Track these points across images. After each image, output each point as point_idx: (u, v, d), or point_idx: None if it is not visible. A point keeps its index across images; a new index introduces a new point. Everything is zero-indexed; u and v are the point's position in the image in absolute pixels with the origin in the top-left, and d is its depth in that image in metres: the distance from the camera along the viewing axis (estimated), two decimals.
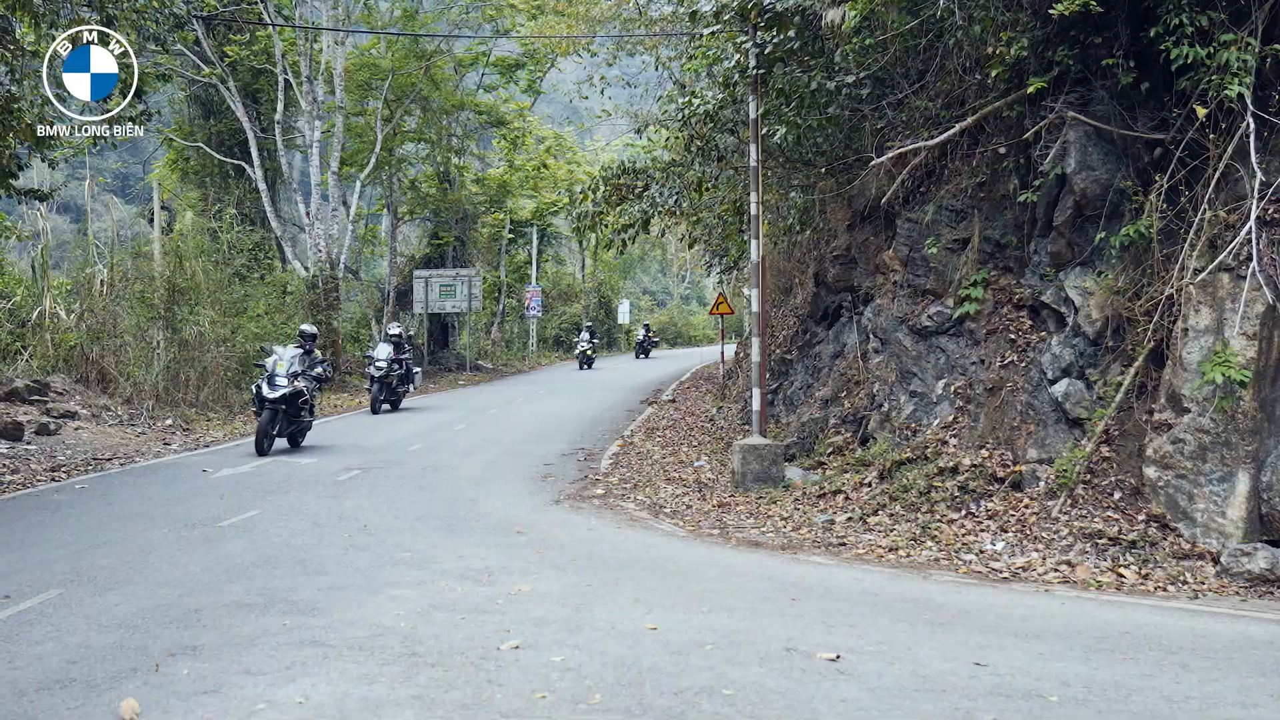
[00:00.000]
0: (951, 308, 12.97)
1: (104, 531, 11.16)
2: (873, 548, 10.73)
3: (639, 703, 5.76)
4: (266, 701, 5.77)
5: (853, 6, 11.96)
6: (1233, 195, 10.23)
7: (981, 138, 12.89)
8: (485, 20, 37.23)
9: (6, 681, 6.16)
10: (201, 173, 37.62)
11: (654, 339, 52.68)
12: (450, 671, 6.29)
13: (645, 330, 51.91)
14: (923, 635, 7.32)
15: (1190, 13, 10.05)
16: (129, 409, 22.44)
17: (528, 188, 46.47)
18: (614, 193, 19.71)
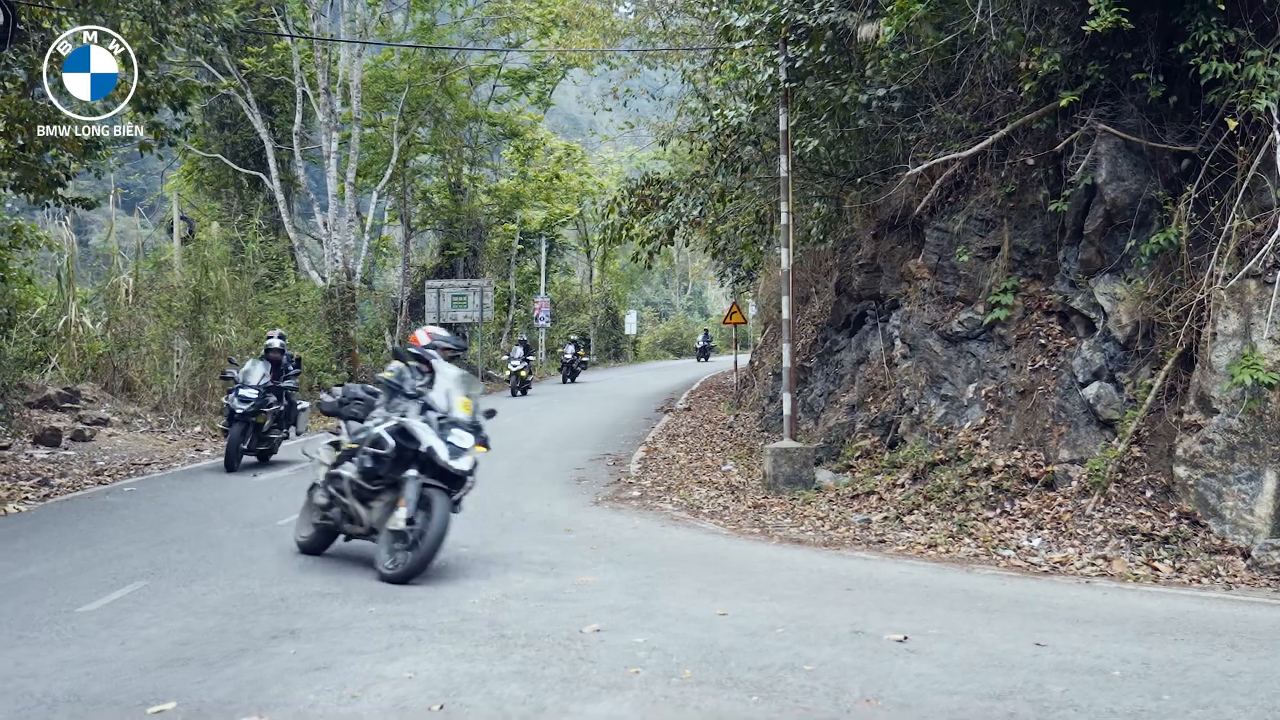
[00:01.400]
0: (982, 314, 13.37)
1: (168, 529, 11.53)
2: (912, 544, 11.12)
3: (728, 677, 6.14)
4: (378, 677, 6.14)
5: (888, 22, 12.38)
6: (1259, 205, 10.64)
7: (1010, 149, 13.30)
8: (500, 33, 37.69)
9: (126, 660, 6.53)
10: (216, 184, 38.01)
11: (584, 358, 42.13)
12: (542, 651, 6.67)
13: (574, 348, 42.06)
14: (979, 621, 7.71)
15: (1219, 29, 10.48)
16: (158, 416, 22.83)
17: (540, 198, 46.91)
18: (640, 203, 20.12)
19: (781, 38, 14.74)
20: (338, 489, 9.46)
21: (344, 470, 9.39)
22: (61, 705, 5.70)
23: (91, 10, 12.80)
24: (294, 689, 5.93)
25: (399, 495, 8.89)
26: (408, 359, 9.80)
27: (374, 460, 9.03)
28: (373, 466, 9.04)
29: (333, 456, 9.80)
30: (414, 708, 5.61)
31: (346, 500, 9.37)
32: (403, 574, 8.60)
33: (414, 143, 39.25)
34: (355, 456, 9.28)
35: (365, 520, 9.27)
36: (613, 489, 15.27)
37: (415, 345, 9.89)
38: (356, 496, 9.27)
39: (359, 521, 9.36)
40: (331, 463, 9.70)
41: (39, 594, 8.46)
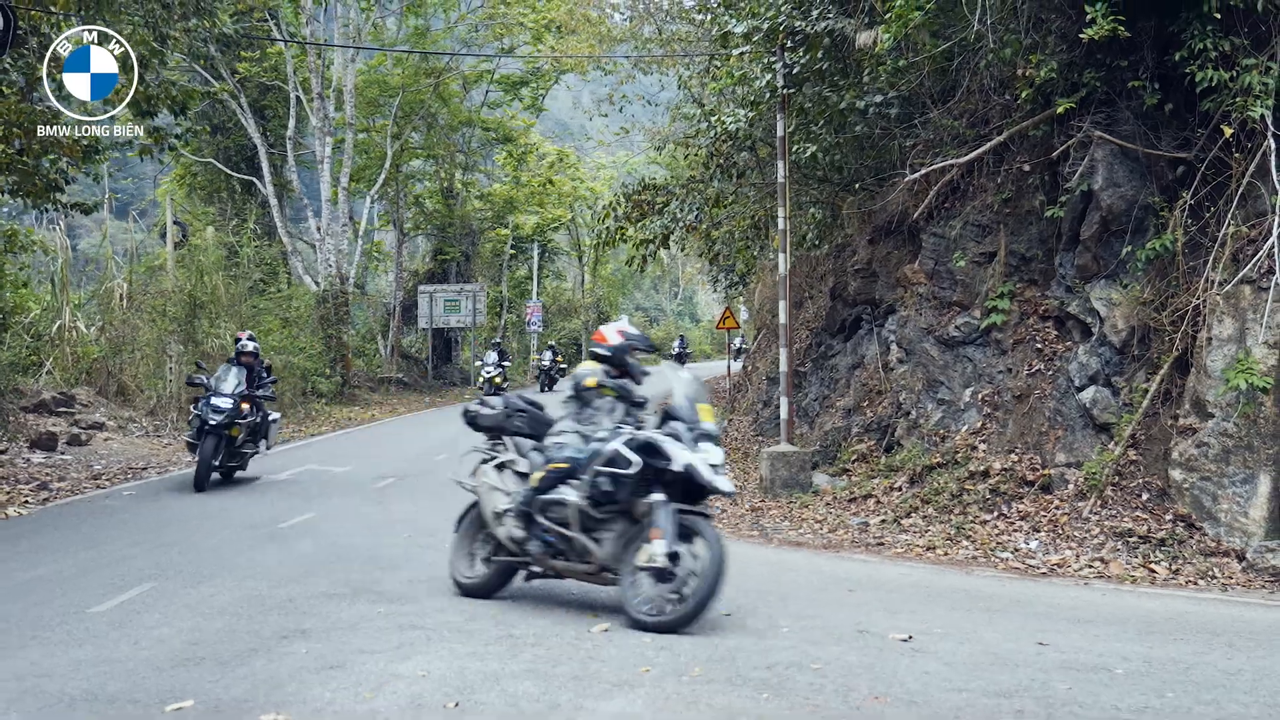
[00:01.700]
0: (978, 319, 13.48)
1: (169, 533, 11.58)
2: (910, 547, 11.23)
3: (736, 674, 6.22)
4: (391, 675, 6.20)
5: (886, 29, 12.49)
6: (1254, 211, 10.78)
7: (1006, 155, 13.42)
8: (494, 38, 37.82)
9: (140, 660, 6.59)
10: (209, 188, 38.05)
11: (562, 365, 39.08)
12: (552, 650, 6.75)
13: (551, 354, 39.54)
14: (981, 621, 7.81)
15: (1214, 38, 10.61)
16: (153, 420, 22.83)
17: (533, 204, 47.02)
18: (635, 208, 20.23)
19: (779, 44, 14.85)
20: (553, 518, 7.89)
21: (564, 495, 7.85)
22: (80, 704, 5.76)
23: (93, 14, 12.84)
24: (309, 687, 5.99)
25: (639, 525, 7.54)
26: (603, 362, 8.36)
27: (613, 482, 7.55)
28: (611, 490, 7.58)
29: (514, 481, 8.32)
30: (430, 705, 5.68)
31: (570, 532, 7.81)
32: (675, 620, 7.15)
33: (407, 148, 39.34)
34: (576, 479, 7.82)
35: (597, 556, 7.71)
36: None
37: (603, 344, 8.41)
38: (582, 528, 7.77)
39: (584, 557, 7.80)
40: (535, 486, 8.01)
41: (47, 595, 8.51)
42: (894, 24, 12.35)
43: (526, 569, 8.33)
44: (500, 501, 8.25)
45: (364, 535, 11.44)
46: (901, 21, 12.21)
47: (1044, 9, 12.20)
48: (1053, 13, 12.14)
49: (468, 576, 8.53)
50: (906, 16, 12.12)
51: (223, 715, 5.54)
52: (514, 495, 8.20)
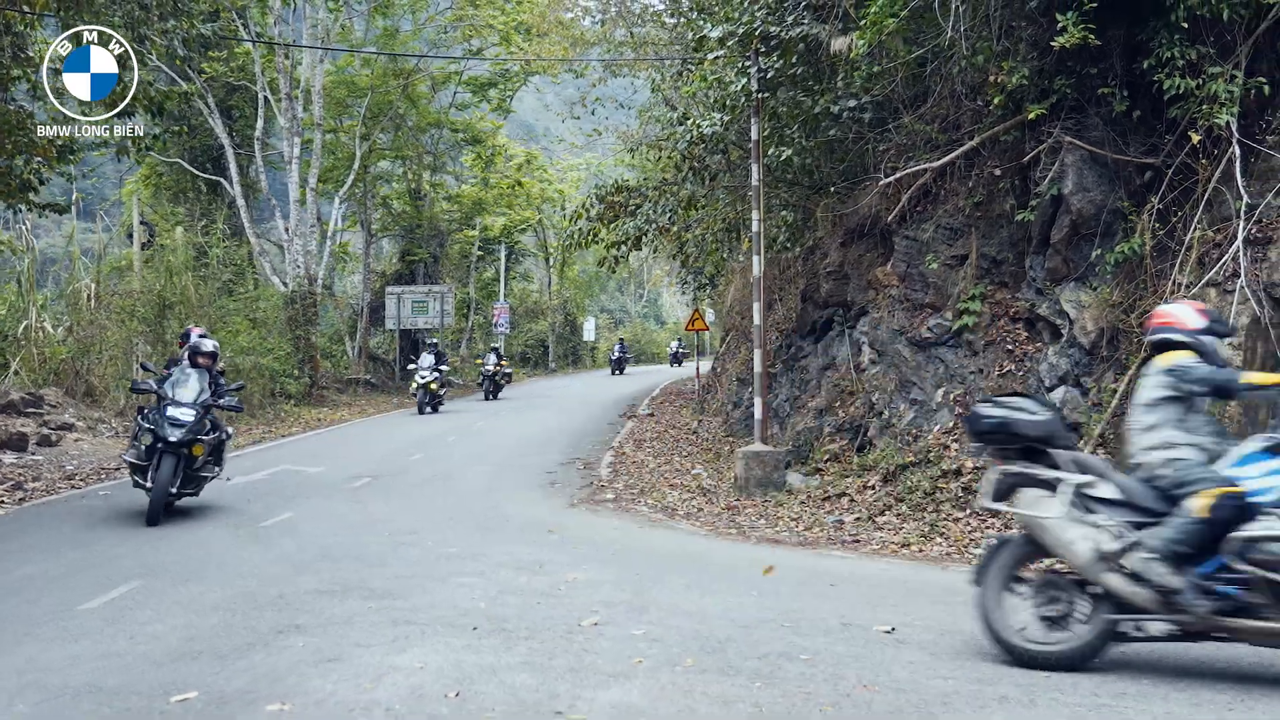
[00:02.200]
0: (950, 320, 13.72)
1: (150, 532, 11.60)
2: (886, 544, 11.43)
3: (728, 665, 6.39)
4: (389, 667, 6.32)
5: (861, 36, 12.70)
6: (1220, 216, 11.07)
7: (977, 160, 13.67)
8: (463, 39, 37.87)
9: (138, 655, 6.68)
10: (175, 188, 37.82)
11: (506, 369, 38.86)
12: (546, 643, 6.89)
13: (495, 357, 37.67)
14: (960, 613, 7.97)
15: (1181, 46, 10.89)
16: (122, 421, 22.73)
17: (502, 205, 47.09)
18: (608, 210, 20.37)
19: (753, 49, 15.05)
20: (1259, 560, 5.94)
21: None
22: (84, 695, 5.84)
23: (72, 15, 12.84)
24: (309, 679, 6.10)
25: None
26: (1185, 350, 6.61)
27: None
28: None
29: (1107, 512, 6.43)
30: (430, 695, 5.80)
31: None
32: None
33: (375, 149, 39.30)
34: None
35: None
36: (587, 492, 15.48)
37: (1178, 327, 6.71)
38: None
39: None
40: (1204, 518, 6.02)
41: (37, 594, 8.57)
42: (869, 30, 12.55)
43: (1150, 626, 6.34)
44: (1106, 541, 6.29)
45: (345, 534, 11.51)
46: (876, 28, 12.42)
47: (1016, 17, 12.45)
48: (1024, 20, 12.39)
49: (1044, 643, 6.44)
50: (881, 23, 12.34)
51: (227, 706, 5.64)
52: (1154, 533, 6.24)
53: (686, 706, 5.62)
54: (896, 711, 5.57)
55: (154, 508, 11.90)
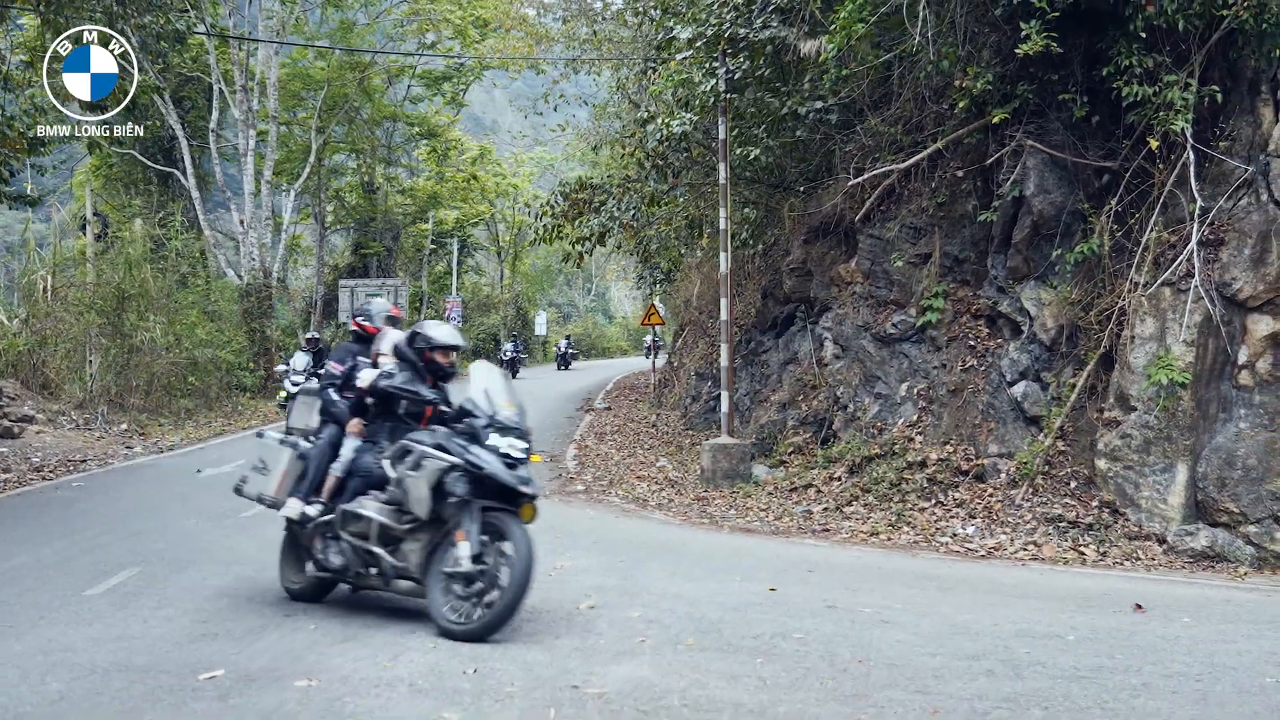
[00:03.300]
0: (914, 317, 14.15)
1: (134, 522, 11.76)
2: (855, 533, 11.84)
3: (727, 644, 6.74)
4: (403, 647, 6.61)
5: (830, 40, 13.07)
6: (1174, 218, 11.58)
7: (940, 161, 14.10)
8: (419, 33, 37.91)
9: (155, 637, 6.90)
10: (126, 179, 37.49)
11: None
12: (549, 625, 7.20)
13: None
14: (936, 597, 8.41)
15: (1139, 55, 11.34)
16: (83, 414, 22.66)
17: (458, 199, 47.12)
18: (572, 206, 20.63)
19: (721, 50, 15.38)
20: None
21: None
22: (114, 674, 6.06)
23: (53, 9, 12.90)
24: (329, 658, 6.36)
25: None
26: None
27: None
28: None
29: None
30: (449, 671, 6.08)
31: None
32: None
33: (330, 142, 39.22)
34: None
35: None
36: (557, 484, 15.78)
37: None
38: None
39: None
40: None
41: (36, 581, 8.72)
42: (838, 35, 12.93)
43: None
44: None
45: None
46: (845, 32, 12.80)
47: (981, 24, 12.88)
48: (989, 28, 12.83)
49: None
50: (850, 28, 12.71)
51: (255, 683, 5.89)
52: None
53: (696, 680, 5.94)
54: (892, 684, 5.93)
55: None
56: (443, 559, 7.07)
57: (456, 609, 6.92)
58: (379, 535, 7.37)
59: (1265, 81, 11.62)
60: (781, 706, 5.53)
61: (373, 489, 7.60)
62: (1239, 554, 10.43)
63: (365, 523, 7.42)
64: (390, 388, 7.76)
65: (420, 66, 41.44)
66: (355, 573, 7.57)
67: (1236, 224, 11.24)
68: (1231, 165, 11.39)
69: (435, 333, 7.89)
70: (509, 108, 36.24)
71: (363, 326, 8.74)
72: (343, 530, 7.57)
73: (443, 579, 7.03)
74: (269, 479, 8.35)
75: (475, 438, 7.23)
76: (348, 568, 7.59)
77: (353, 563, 7.54)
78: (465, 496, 6.98)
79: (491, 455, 7.10)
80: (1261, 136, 11.47)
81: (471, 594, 6.90)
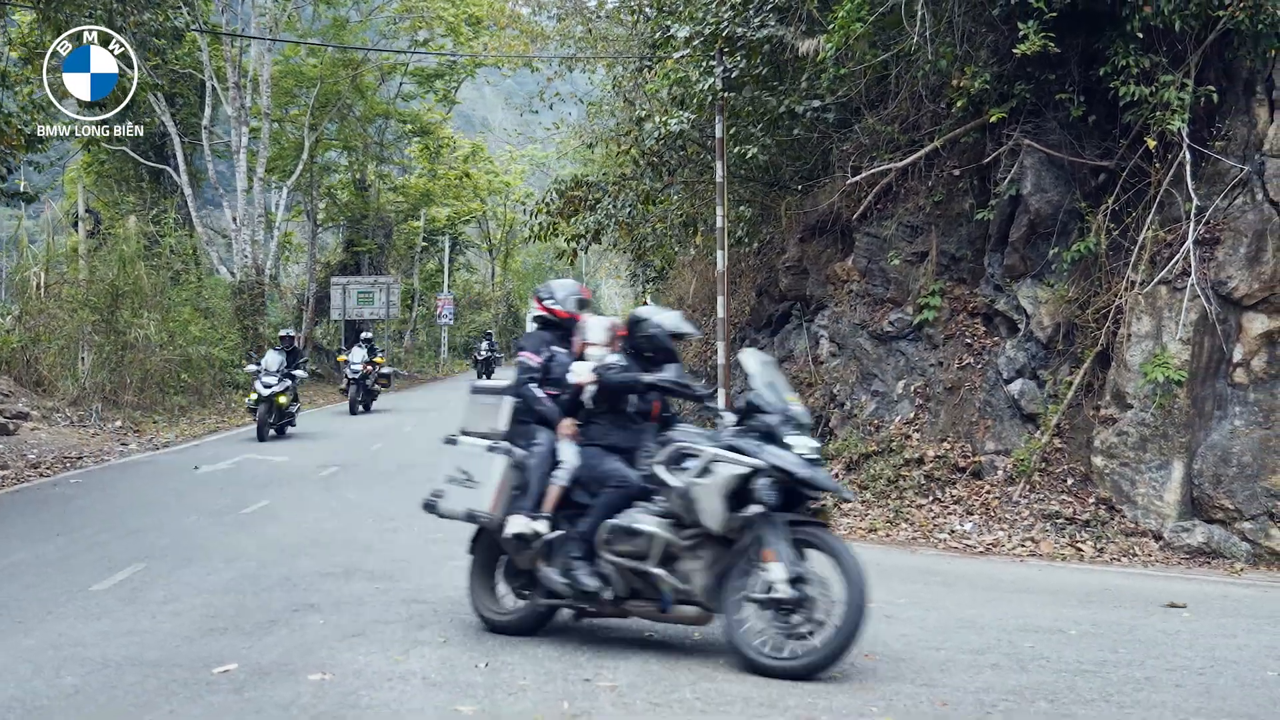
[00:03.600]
0: (911, 315, 14.22)
1: (133, 519, 11.79)
2: (853, 529, 11.91)
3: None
4: (414, 641, 6.66)
5: (829, 39, 13.14)
6: (1170, 217, 11.67)
7: (937, 160, 14.17)
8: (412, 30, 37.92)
9: (165, 631, 6.94)
10: (117, 175, 37.40)
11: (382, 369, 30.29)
12: (556, 620, 7.23)
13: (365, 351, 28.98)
14: (939, 592, 8.49)
15: (1136, 55, 11.42)
16: (77, 410, 22.64)
17: (449, 196, 47.14)
18: (568, 204, 20.69)
19: (718, 49, 15.44)
20: None
21: None
22: (126, 668, 6.09)
23: (53, 7, 12.91)
24: (340, 652, 6.41)
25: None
26: None
27: None
28: None
29: None
30: (461, 665, 6.14)
31: None
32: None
33: (321, 139, 39.21)
34: None
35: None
36: None
37: None
38: None
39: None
40: None
41: (39, 577, 8.75)
42: (836, 34, 12.99)
43: None
44: None
45: (329, 520, 11.75)
46: (844, 32, 12.86)
47: (979, 24, 12.95)
48: (986, 28, 12.90)
49: None
50: (849, 28, 12.78)
51: (269, 676, 5.93)
52: None
53: (705, 674, 6.00)
54: (899, 677, 6.00)
55: None
56: (743, 581, 6.15)
57: (769, 640, 6.06)
58: (659, 554, 6.38)
59: (1260, 82, 11.71)
60: (791, 700, 5.59)
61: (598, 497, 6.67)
62: (1235, 550, 10.54)
63: (644, 540, 6.38)
64: (664, 383, 6.73)
65: (412, 64, 41.46)
66: (615, 597, 6.54)
67: (1232, 223, 11.35)
68: (1227, 165, 11.49)
69: (665, 320, 6.99)
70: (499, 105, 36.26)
71: (551, 310, 7.43)
72: (607, 549, 6.52)
73: (747, 605, 6.15)
74: (479, 493, 7.02)
75: (770, 436, 6.32)
76: (599, 592, 6.53)
77: (617, 586, 6.52)
78: (772, 506, 6.08)
79: (793, 457, 6.19)
80: (1257, 136, 11.57)
81: (790, 624, 6.03)
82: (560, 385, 7.08)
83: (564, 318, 7.44)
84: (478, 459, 7.13)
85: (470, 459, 7.19)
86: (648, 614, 6.55)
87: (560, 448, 6.93)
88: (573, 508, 6.79)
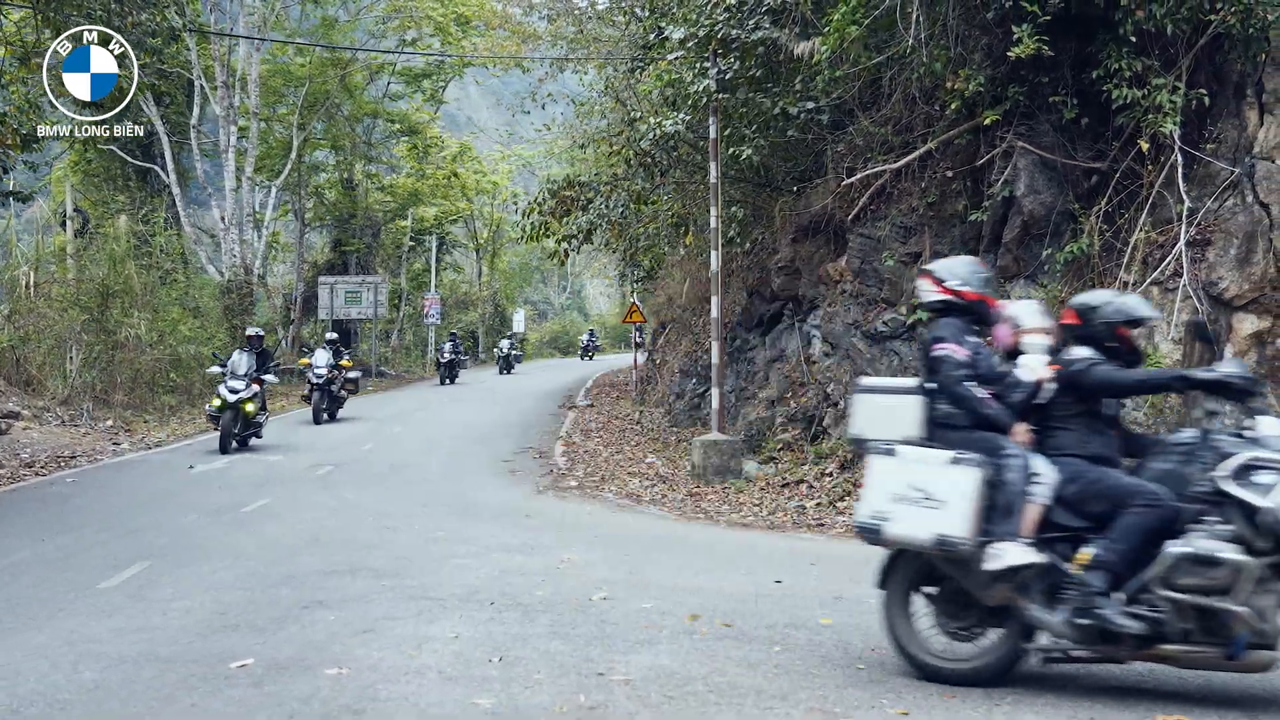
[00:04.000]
0: (904, 315, 14.35)
1: (132, 518, 11.84)
2: (850, 527, 11.98)
3: (741, 633, 6.89)
4: (425, 637, 6.73)
5: (823, 41, 13.25)
6: (1162, 219, 11.81)
7: (930, 161, 14.29)
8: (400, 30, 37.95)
9: (177, 628, 7.00)
10: (105, 174, 37.31)
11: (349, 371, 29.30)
12: (564, 615, 7.33)
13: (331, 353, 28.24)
14: None
15: (1128, 59, 11.56)
16: (68, 410, 22.63)
17: (438, 196, 47.14)
18: (560, 204, 20.75)
19: (712, 50, 15.53)
20: None
21: None
22: (143, 663, 6.16)
23: (53, 7, 12.93)
24: (353, 648, 6.48)
25: None
26: None
27: None
28: None
29: None
30: (474, 660, 6.21)
31: None
32: None
33: (310, 138, 39.19)
34: None
35: None
36: (549, 479, 15.91)
37: None
38: None
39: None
40: None
41: (44, 575, 8.81)
42: (831, 36, 13.11)
43: None
44: None
45: (329, 520, 11.82)
46: (839, 34, 12.97)
47: (973, 27, 13.07)
48: (980, 31, 13.02)
49: None
50: (843, 30, 12.90)
51: (286, 671, 6.00)
52: None
53: (715, 668, 6.09)
54: (907, 670, 6.09)
55: None
56: None
57: None
58: (1248, 589, 5.20)
59: (1251, 85, 11.85)
60: (803, 693, 5.68)
61: None
62: None
63: (1227, 571, 5.17)
64: (1230, 378, 5.39)
65: (400, 64, 41.46)
66: (1145, 639, 5.39)
67: (1223, 224, 11.48)
68: (1218, 167, 11.63)
69: (1128, 303, 6.07)
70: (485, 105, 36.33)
71: (958, 293, 6.22)
72: (1161, 585, 5.32)
73: None
74: (945, 513, 5.67)
75: None
76: (1150, 635, 5.37)
77: (1170, 627, 5.33)
78: None
79: None
80: (1247, 139, 11.71)
81: None
82: (994, 382, 6.05)
83: (974, 300, 6.26)
84: (939, 471, 5.81)
85: (924, 471, 5.88)
86: (1202, 661, 5.42)
87: (1034, 460, 5.77)
88: (1051, 530, 5.71)
